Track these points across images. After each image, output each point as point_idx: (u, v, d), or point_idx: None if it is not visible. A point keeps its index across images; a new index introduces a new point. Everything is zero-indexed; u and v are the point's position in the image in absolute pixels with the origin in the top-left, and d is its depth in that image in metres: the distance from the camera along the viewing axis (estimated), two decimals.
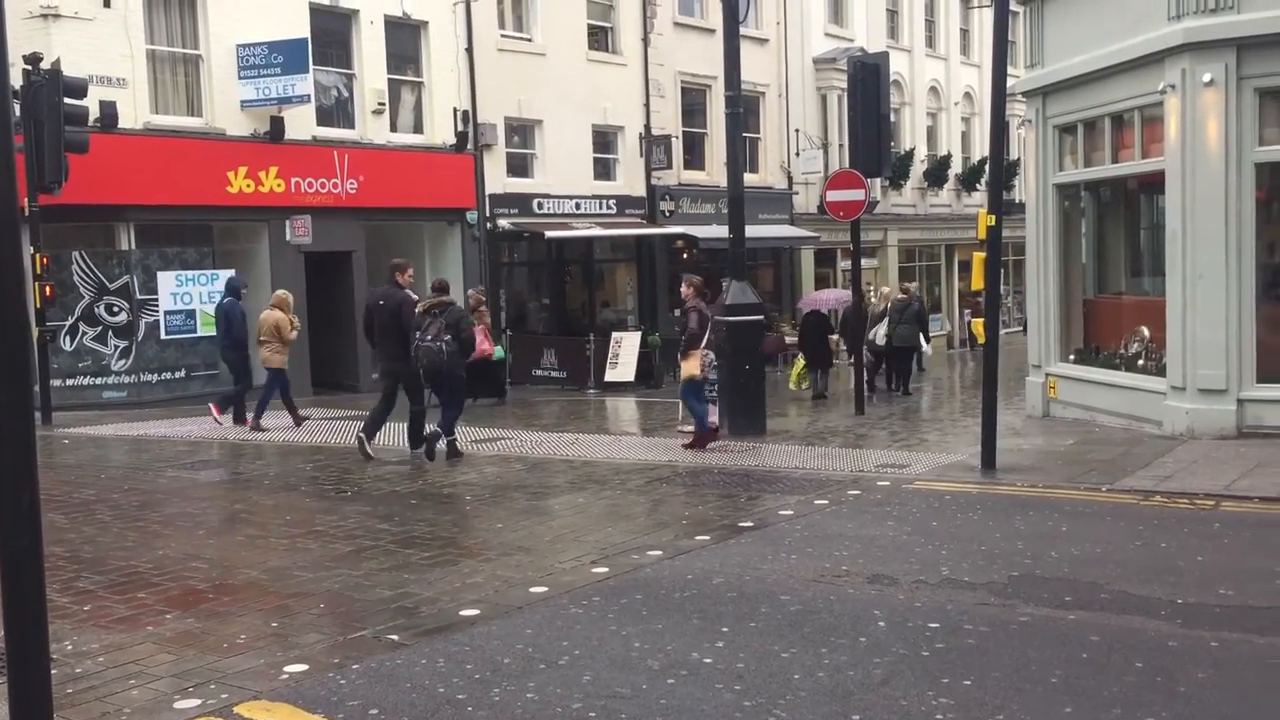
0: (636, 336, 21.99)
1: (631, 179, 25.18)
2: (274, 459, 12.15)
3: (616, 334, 22.24)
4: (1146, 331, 12.67)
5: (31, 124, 13.96)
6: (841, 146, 27.16)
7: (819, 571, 6.59)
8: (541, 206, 23.21)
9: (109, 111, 16.62)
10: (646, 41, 25.21)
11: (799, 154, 28.65)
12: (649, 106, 25.21)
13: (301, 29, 18.85)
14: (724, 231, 14.81)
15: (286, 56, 18.14)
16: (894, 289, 22.76)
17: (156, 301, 17.68)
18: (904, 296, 20.12)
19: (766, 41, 28.08)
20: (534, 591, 6.27)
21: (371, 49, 20.34)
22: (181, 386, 17.93)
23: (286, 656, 5.23)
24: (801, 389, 19.04)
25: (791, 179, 29.01)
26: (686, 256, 24.96)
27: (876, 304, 20.03)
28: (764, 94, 28.12)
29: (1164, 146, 11.70)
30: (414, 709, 4.53)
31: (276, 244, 19.13)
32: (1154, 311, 12.20)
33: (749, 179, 19.86)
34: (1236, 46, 11.00)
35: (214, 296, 17.61)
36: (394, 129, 21.00)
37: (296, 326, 14.85)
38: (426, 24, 21.20)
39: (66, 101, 14.39)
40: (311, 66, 18.38)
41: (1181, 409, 11.45)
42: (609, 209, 24.49)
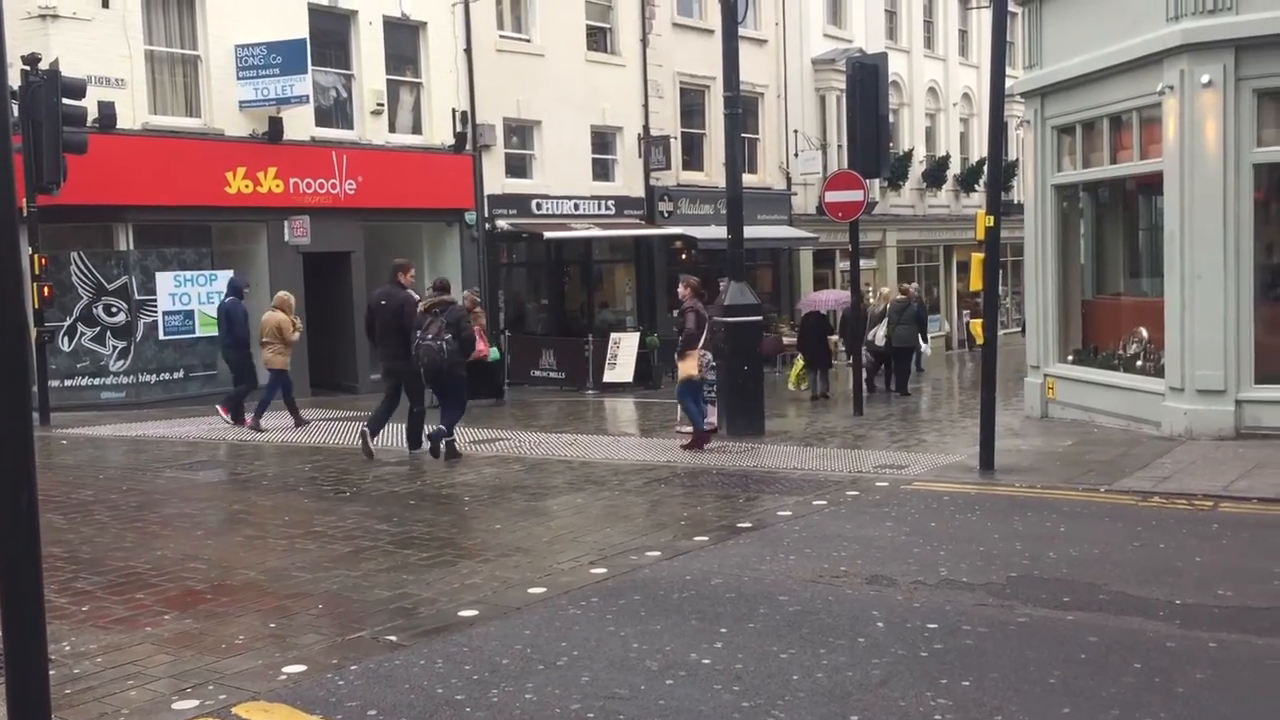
0: (635, 337, 21.99)
1: (630, 180, 25.17)
2: (272, 459, 12.15)
3: (615, 335, 22.23)
4: (1145, 332, 12.68)
5: (30, 124, 13.95)
6: (840, 147, 27.15)
7: (817, 572, 6.59)
8: (540, 207, 23.20)
9: (107, 112, 16.62)
10: (645, 42, 25.19)
11: (798, 155, 28.64)
12: (648, 107, 25.19)
13: (300, 29, 18.84)
14: (723, 232, 14.81)
15: (285, 57, 18.12)
16: (893, 289, 22.76)
17: (155, 302, 17.67)
18: (903, 297, 20.13)
19: (765, 42, 28.07)
20: (532, 592, 6.27)
21: (370, 49, 20.33)
22: (180, 387, 17.93)
23: (285, 657, 5.23)
24: (800, 390, 19.05)
25: (790, 180, 29.00)
26: (685, 257, 24.95)
27: (876, 304, 20.04)
28: (763, 95, 28.11)
29: (1162, 147, 11.70)
30: (412, 710, 4.53)
31: (275, 244, 19.11)
32: (1152, 312, 12.20)
33: (747, 180, 19.88)
34: (1235, 47, 11.01)
35: (212, 297, 17.63)
36: (393, 129, 20.99)
37: (299, 328, 14.86)
38: (425, 24, 21.20)
39: (65, 102, 14.38)
40: (310, 67, 18.37)
41: (1180, 410, 11.46)
42: (608, 210, 24.48)
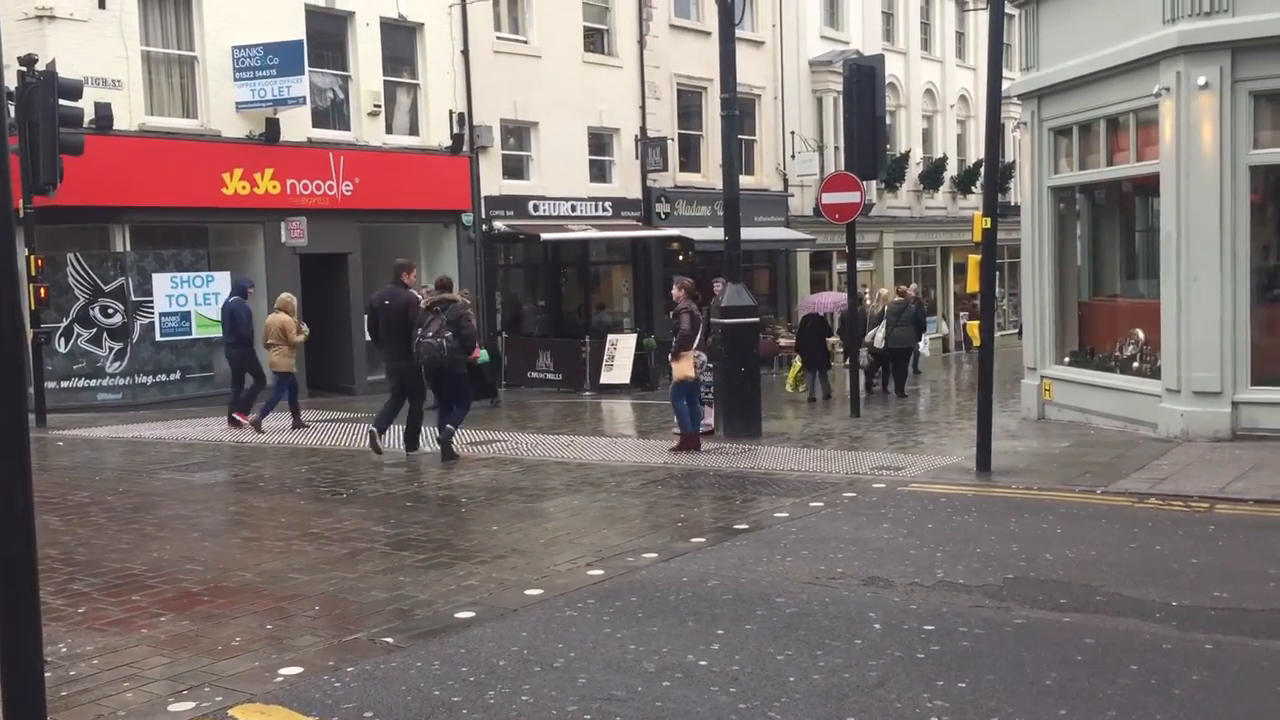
0: (632, 339, 21.99)
1: (627, 181, 25.17)
2: (270, 461, 12.14)
3: (612, 336, 22.23)
4: (1141, 334, 12.69)
5: (26, 126, 13.93)
6: (837, 149, 27.14)
7: (814, 574, 6.59)
8: (537, 208, 23.19)
9: (104, 113, 16.58)
10: (642, 44, 25.21)
11: (794, 156, 28.67)
12: (645, 109, 25.21)
13: (297, 31, 18.82)
14: (719, 234, 14.81)
15: (282, 58, 18.10)
16: (891, 291, 22.76)
17: (151, 303, 17.63)
18: (901, 299, 20.15)
19: (762, 44, 28.09)
20: (529, 594, 6.27)
21: (367, 51, 20.32)
22: (176, 388, 17.91)
23: (281, 659, 5.23)
24: (798, 391, 19.06)
25: (787, 181, 29.02)
26: (682, 259, 24.94)
27: (874, 306, 20.05)
28: (759, 96, 28.12)
29: (1159, 149, 11.71)
30: (409, 711, 4.53)
31: (272, 246, 19.09)
32: (1149, 314, 12.22)
33: (744, 181, 19.86)
34: (1231, 49, 11.03)
35: (209, 298, 17.63)
36: (390, 131, 20.97)
37: (305, 331, 14.85)
38: (422, 26, 21.20)
39: (61, 103, 14.36)
40: (307, 68, 18.37)
41: (1176, 411, 11.47)
42: (604, 211, 24.48)
